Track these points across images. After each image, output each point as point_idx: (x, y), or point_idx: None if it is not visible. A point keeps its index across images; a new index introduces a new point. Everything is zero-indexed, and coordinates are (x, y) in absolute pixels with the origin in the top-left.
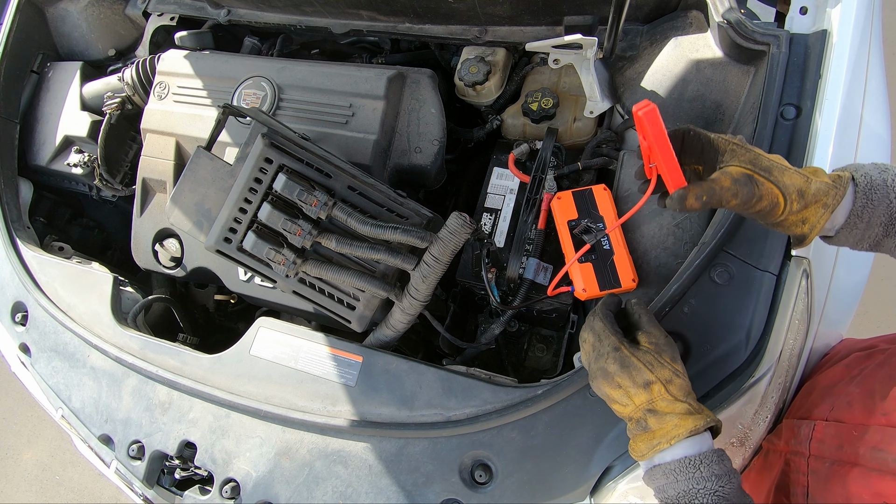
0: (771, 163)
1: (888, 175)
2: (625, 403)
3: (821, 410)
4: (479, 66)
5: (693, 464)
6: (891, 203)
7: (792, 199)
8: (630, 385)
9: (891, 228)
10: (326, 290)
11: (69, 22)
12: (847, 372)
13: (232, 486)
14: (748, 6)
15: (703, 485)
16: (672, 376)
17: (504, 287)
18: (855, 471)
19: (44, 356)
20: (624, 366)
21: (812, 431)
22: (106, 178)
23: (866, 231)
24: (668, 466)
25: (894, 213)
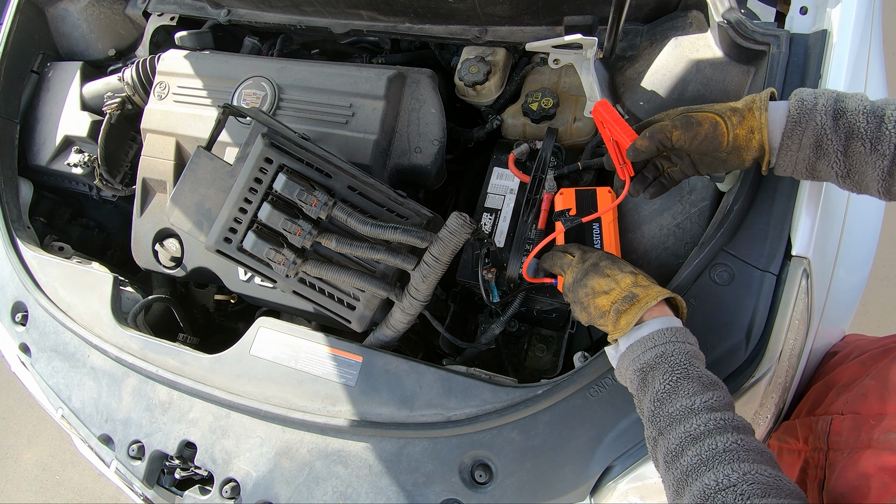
0: (700, 106)
1: (822, 99)
2: (610, 289)
3: (837, 406)
4: (479, 66)
5: (670, 331)
6: (818, 125)
7: (728, 116)
8: (618, 272)
9: (820, 150)
10: (326, 290)
11: (69, 22)
12: (864, 369)
13: (232, 486)
14: (748, 6)
15: (679, 346)
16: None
17: (504, 287)
18: (867, 453)
19: (44, 356)
20: (613, 261)
21: (829, 426)
22: (106, 178)
23: (798, 153)
24: (646, 338)
25: (821, 135)
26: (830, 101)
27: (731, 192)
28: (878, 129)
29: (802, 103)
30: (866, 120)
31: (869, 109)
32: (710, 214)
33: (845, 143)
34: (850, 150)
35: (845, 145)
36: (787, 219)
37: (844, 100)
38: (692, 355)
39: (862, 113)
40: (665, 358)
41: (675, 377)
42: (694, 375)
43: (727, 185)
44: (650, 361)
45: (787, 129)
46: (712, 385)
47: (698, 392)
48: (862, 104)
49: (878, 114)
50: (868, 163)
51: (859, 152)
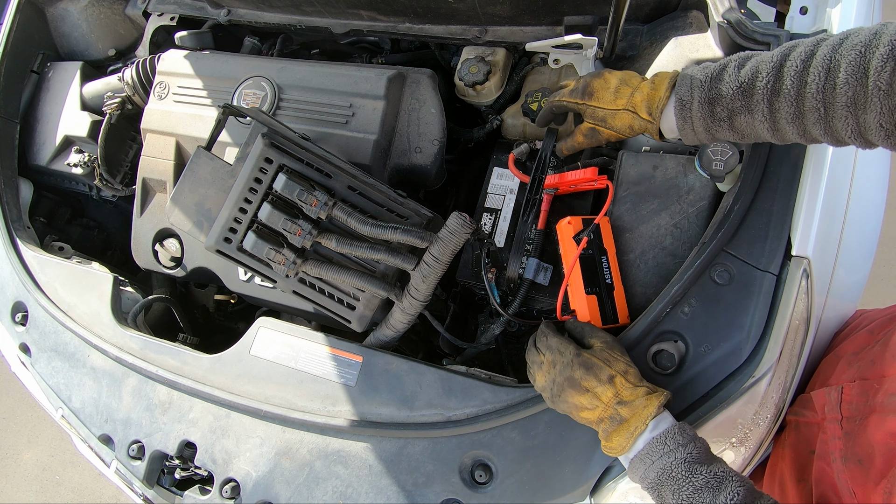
0: (605, 112)
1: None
2: (594, 406)
3: (848, 374)
4: (479, 66)
5: (660, 442)
6: (699, 118)
7: (627, 133)
8: (596, 384)
9: (710, 131)
10: (326, 290)
11: (69, 22)
12: (872, 337)
13: (232, 486)
14: (748, 6)
15: (674, 456)
16: (626, 367)
17: (504, 287)
18: (872, 418)
19: (44, 356)
20: (588, 368)
21: (841, 395)
22: (106, 178)
23: (695, 136)
24: (642, 453)
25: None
26: (705, 93)
27: (730, 192)
28: (750, 103)
29: (682, 103)
30: (739, 99)
31: (738, 88)
32: (708, 214)
33: (729, 122)
34: (736, 124)
35: (730, 123)
36: (787, 219)
37: (718, 84)
38: (692, 460)
39: (734, 95)
40: (667, 474)
41: (685, 494)
42: (701, 485)
43: (727, 184)
44: (656, 480)
45: (678, 124)
46: (721, 484)
47: (711, 502)
48: (731, 85)
49: (748, 88)
50: (754, 126)
51: (744, 122)
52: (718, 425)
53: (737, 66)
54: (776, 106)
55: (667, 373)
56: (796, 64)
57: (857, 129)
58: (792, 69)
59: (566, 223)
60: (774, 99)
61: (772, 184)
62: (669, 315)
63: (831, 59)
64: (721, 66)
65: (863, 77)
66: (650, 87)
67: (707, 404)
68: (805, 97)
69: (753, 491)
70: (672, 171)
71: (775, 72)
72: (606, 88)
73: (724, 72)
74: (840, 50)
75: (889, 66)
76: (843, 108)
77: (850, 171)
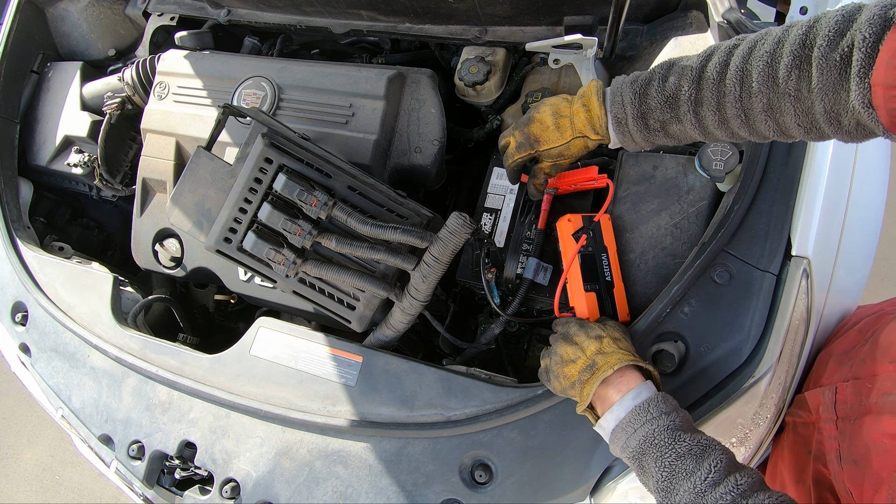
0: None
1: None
2: (577, 357)
3: (841, 374)
4: (479, 66)
5: (643, 409)
6: (634, 131)
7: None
8: (584, 338)
9: (649, 139)
10: (326, 290)
11: (69, 22)
12: (861, 336)
13: (232, 486)
14: (748, 6)
15: (657, 423)
16: (622, 336)
17: (503, 287)
18: (867, 418)
19: (44, 356)
20: (582, 326)
21: (835, 395)
22: (106, 178)
23: (634, 145)
24: (624, 422)
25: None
26: (635, 109)
27: (730, 193)
28: (677, 113)
29: (618, 121)
30: (666, 112)
31: (665, 101)
32: (708, 214)
33: (663, 131)
34: (670, 132)
35: (664, 132)
36: (787, 219)
37: (646, 99)
38: (675, 427)
39: (662, 108)
40: (650, 441)
41: (668, 460)
42: (684, 451)
43: (727, 185)
44: (638, 448)
45: (619, 138)
46: (705, 452)
47: (695, 469)
48: (658, 99)
49: (672, 99)
50: (685, 131)
51: (677, 130)
52: (718, 425)
53: (661, 79)
54: (701, 114)
55: (667, 373)
56: (713, 75)
57: (778, 129)
58: (710, 80)
59: (566, 220)
60: (699, 108)
61: (772, 184)
62: (669, 315)
63: (743, 69)
64: (647, 79)
65: (773, 85)
66: (584, 109)
67: (707, 404)
68: (725, 106)
69: (736, 462)
70: (672, 171)
71: (695, 84)
72: (546, 128)
73: (650, 86)
74: (750, 60)
75: (794, 74)
76: (762, 114)
77: (850, 171)
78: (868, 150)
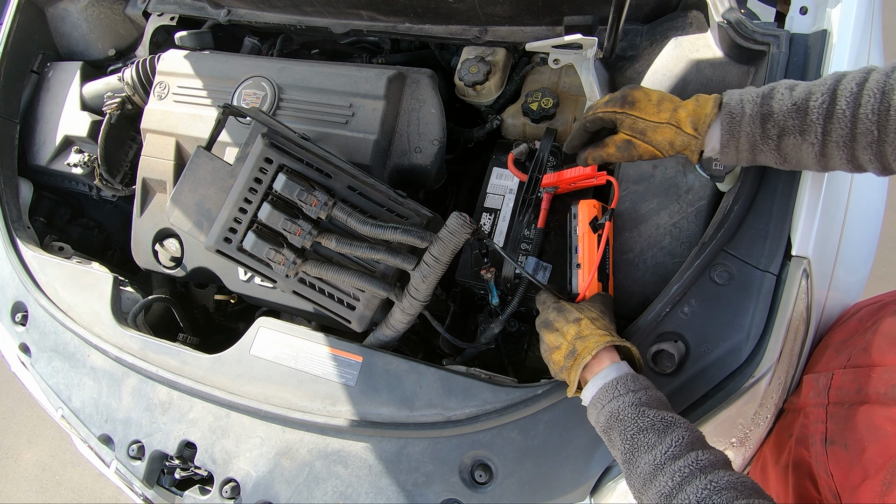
0: (646, 124)
1: (747, 108)
2: (560, 343)
3: (838, 362)
4: (479, 66)
5: (611, 385)
6: (748, 133)
7: (665, 150)
8: (563, 323)
9: (755, 150)
10: (326, 290)
11: (69, 22)
12: (860, 325)
13: (232, 486)
14: (748, 6)
15: (623, 400)
16: (599, 316)
17: (502, 287)
18: (864, 406)
19: (44, 356)
20: (560, 311)
21: (830, 381)
22: (106, 178)
23: (738, 154)
24: (595, 398)
25: (753, 140)
26: (756, 108)
27: (730, 192)
28: (803, 122)
29: (731, 117)
30: (792, 118)
31: (793, 106)
32: (707, 214)
33: (777, 141)
34: (783, 145)
35: (777, 143)
36: (787, 219)
37: (770, 102)
38: (640, 403)
39: (787, 112)
40: (615, 416)
41: (630, 434)
42: (647, 426)
43: (727, 185)
44: (605, 423)
45: (723, 140)
46: (668, 428)
47: (656, 443)
48: (785, 104)
49: (802, 108)
50: (801, 150)
51: (792, 144)
52: (718, 425)
53: (788, 88)
54: (828, 128)
55: (667, 373)
56: (850, 87)
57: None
58: (846, 91)
59: (591, 205)
60: (828, 121)
61: (772, 184)
62: (669, 315)
63: (885, 83)
64: (770, 86)
65: None
66: (695, 103)
67: (707, 404)
68: (858, 119)
69: (703, 440)
70: (671, 170)
71: (829, 94)
72: (648, 100)
73: (775, 90)
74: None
75: None
76: None
77: None
78: None
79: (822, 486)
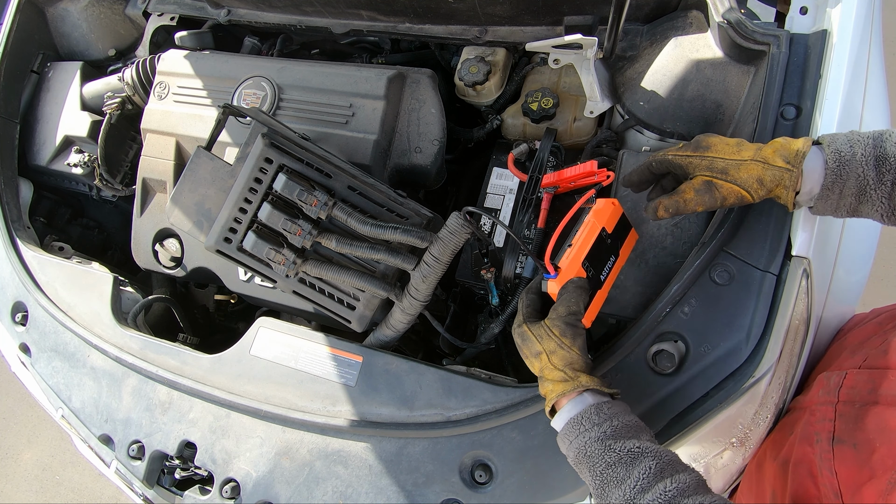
0: (726, 163)
1: (858, 148)
2: (532, 369)
3: (852, 362)
4: (479, 66)
5: (576, 421)
6: (860, 175)
7: (754, 189)
8: (529, 355)
9: (863, 196)
10: (326, 290)
11: (69, 22)
12: (880, 328)
13: (232, 486)
14: (748, 6)
15: (588, 435)
16: (556, 347)
17: (502, 287)
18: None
19: (44, 356)
20: (524, 339)
21: (843, 380)
22: (106, 178)
23: (840, 201)
24: (561, 434)
25: (863, 184)
26: (869, 149)
27: None
28: None
29: (839, 155)
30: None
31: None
32: (708, 214)
33: (891, 188)
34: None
35: (891, 191)
36: (787, 219)
37: (883, 144)
38: (606, 437)
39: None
40: (583, 453)
41: (599, 470)
42: (614, 460)
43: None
44: (575, 458)
45: (827, 181)
46: (634, 460)
47: (625, 477)
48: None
49: None
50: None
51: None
52: (718, 425)
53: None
54: None
55: (667, 373)
56: None
57: None
58: None
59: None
60: None
61: None
62: (669, 315)
63: None
64: (877, 132)
65: None
66: (782, 140)
67: (707, 404)
68: None
69: (674, 465)
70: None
71: None
72: (725, 143)
73: (886, 135)
74: None
75: None
76: None
77: None
78: None
79: (821, 484)
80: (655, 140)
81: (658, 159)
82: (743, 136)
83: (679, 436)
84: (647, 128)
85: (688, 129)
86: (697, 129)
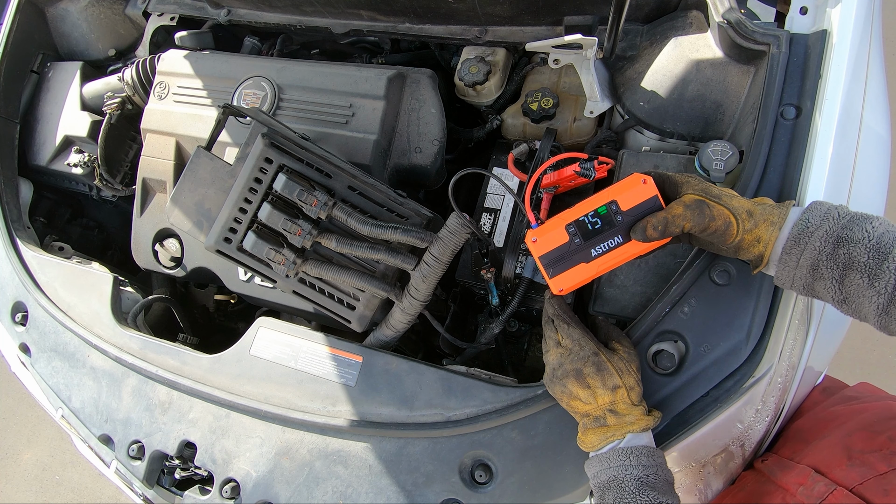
0: (721, 191)
1: (828, 223)
2: (588, 402)
3: (848, 476)
4: (479, 66)
5: (625, 454)
6: (815, 249)
7: (743, 218)
8: (599, 386)
9: (816, 273)
10: (326, 290)
11: (69, 22)
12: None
13: (232, 486)
14: (748, 6)
15: (630, 472)
16: (635, 384)
17: (502, 287)
18: None
19: (44, 356)
20: (599, 369)
21: (829, 494)
22: (106, 178)
23: (795, 272)
24: (603, 455)
25: (818, 260)
26: (835, 227)
27: None
28: (878, 266)
29: (807, 224)
30: (868, 254)
31: (875, 244)
32: None
33: (842, 272)
34: (847, 280)
35: (842, 274)
36: None
37: (852, 227)
38: (646, 482)
39: (865, 245)
40: (618, 483)
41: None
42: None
43: (727, 185)
44: (605, 483)
45: (787, 245)
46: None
47: None
48: (868, 236)
49: (883, 250)
50: (865, 296)
51: (857, 284)
52: (718, 425)
53: (881, 223)
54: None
55: (666, 373)
56: None
57: None
58: None
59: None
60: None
61: (772, 184)
62: (669, 315)
63: None
64: (864, 214)
65: None
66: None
67: (707, 404)
68: None
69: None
70: (673, 169)
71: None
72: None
73: (870, 219)
74: None
75: None
76: None
77: (850, 171)
78: (868, 151)
79: None
80: (655, 140)
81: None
82: (743, 135)
83: (679, 436)
84: (647, 128)
85: (688, 130)
86: (697, 129)
